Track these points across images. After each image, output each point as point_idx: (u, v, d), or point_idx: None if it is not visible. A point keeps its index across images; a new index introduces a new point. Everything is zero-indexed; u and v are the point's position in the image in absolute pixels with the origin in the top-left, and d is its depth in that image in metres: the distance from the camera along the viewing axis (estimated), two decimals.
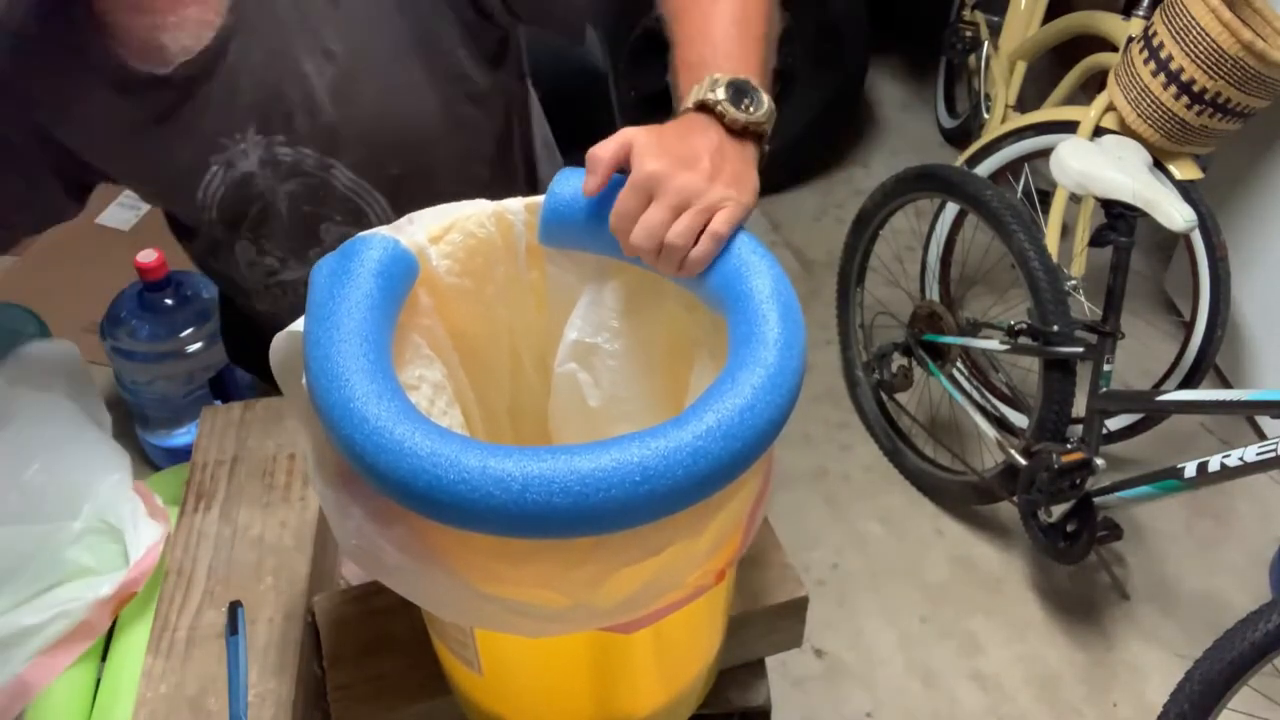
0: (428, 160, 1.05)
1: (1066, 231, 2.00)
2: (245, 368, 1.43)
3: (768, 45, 0.83)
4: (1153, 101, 1.76)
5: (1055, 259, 1.79)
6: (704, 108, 0.75)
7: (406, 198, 1.05)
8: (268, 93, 0.97)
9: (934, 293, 2.18)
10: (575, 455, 0.56)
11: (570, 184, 0.74)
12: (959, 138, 2.78)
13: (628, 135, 0.72)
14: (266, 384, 1.29)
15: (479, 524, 0.57)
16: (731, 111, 0.74)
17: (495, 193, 0.79)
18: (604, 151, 0.72)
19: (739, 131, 0.75)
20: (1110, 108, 1.87)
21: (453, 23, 0.99)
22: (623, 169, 0.72)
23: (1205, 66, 1.68)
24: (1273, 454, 1.44)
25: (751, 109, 0.75)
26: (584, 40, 1.02)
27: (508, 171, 1.14)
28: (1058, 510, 1.78)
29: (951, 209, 2.11)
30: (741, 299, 0.67)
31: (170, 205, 1.09)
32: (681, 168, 0.71)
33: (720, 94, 0.75)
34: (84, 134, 1.01)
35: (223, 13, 0.93)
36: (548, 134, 1.27)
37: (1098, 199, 1.64)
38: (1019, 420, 2.06)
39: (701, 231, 0.70)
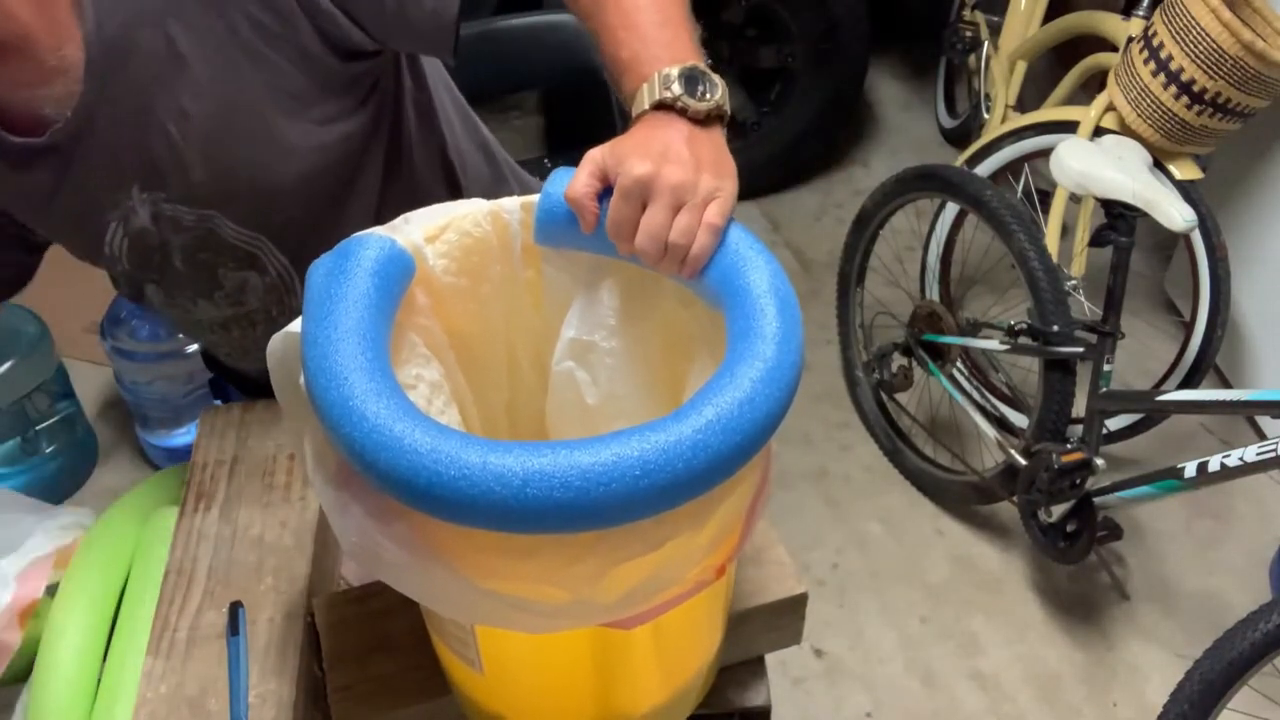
0: (306, 203, 1.04)
1: (1066, 231, 2.00)
2: (229, 383, 1.44)
3: (689, 20, 0.81)
4: (1153, 101, 1.76)
5: (1055, 259, 1.80)
6: (662, 106, 0.74)
7: (294, 240, 1.06)
8: (142, 153, 0.98)
9: (934, 293, 2.18)
10: (575, 450, 0.56)
11: (564, 184, 0.74)
12: (959, 138, 2.79)
13: (593, 156, 0.72)
14: (247, 397, 1.30)
15: (480, 520, 0.57)
16: (692, 103, 0.74)
17: (396, 212, 0.78)
18: (579, 187, 0.71)
19: (703, 120, 0.74)
20: (1110, 108, 1.87)
21: (307, 70, 0.97)
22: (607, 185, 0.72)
23: (1205, 66, 1.68)
24: (1273, 454, 1.44)
25: (708, 95, 0.74)
26: (454, 60, 1.01)
27: (410, 192, 1.12)
28: (1058, 510, 1.78)
29: (951, 209, 2.11)
30: (739, 294, 0.68)
31: (93, 261, 1.10)
32: (665, 163, 0.70)
33: (676, 89, 0.74)
34: (6, 206, 1.03)
35: (81, 80, 0.93)
36: (483, 136, 1.24)
37: (1098, 199, 1.64)
38: (1019, 420, 2.06)
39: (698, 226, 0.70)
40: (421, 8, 0.94)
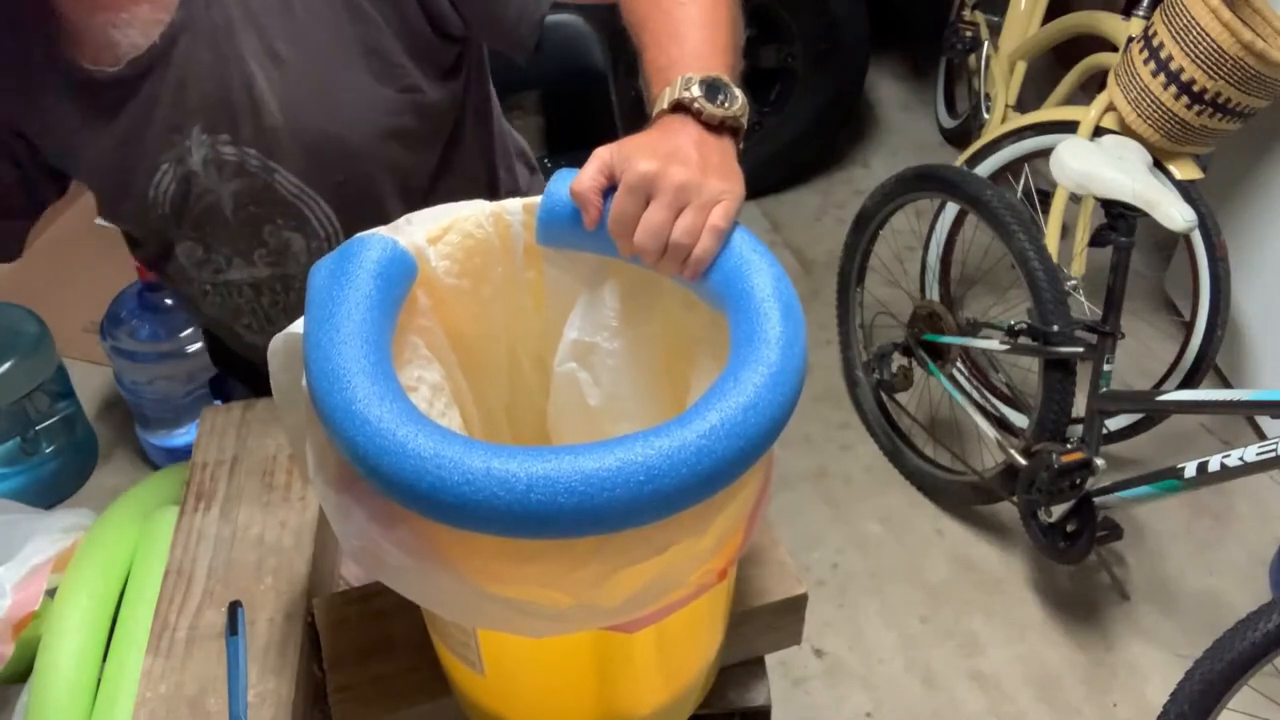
0: (369, 169, 1.05)
1: (1066, 231, 2.00)
2: (233, 377, 1.43)
3: (734, 49, 0.82)
4: (1153, 101, 1.76)
5: (1055, 259, 1.80)
6: (679, 107, 0.75)
7: (349, 205, 1.05)
8: (214, 92, 0.97)
9: (934, 293, 2.18)
10: (579, 455, 0.56)
11: (567, 184, 0.74)
12: (959, 138, 2.79)
13: (601, 154, 0.72)
14: (251, 392, 1.29)
15: (483, 525, 0.57)
16: (708, 107, 0.74)
17: (441, 204, 0.78)
18: (585, 182, 0.72)
19: (716, 127, 0.75)
20: (1110, 108, 1.87)
21: (404, 35, 0.99)
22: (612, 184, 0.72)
23: (1205, 66, 1.68)
24: (1273, 454, 1.44)
25: (727, 104, 0.75)
26: (526, 61, 1.02)
27: (457, 183, 1.13)
28: (1058, 510, 1.78)
29: (951, 209, 2.11)
30: (742, 297, 0.67)
31: (121, 206, 1.09)
32: (672, 163, 0.71)
33: (695, 91, 0.75)
34: (44, 134, 1.02)
35: (172, 10, 0.94)
36: (519, 145, 1.26)
37: (1098, 199, 1.64)
38: (1019, 420, 2.06)
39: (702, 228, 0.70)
40: (510, 4, 0.97)
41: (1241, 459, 1.48)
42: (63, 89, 0.98)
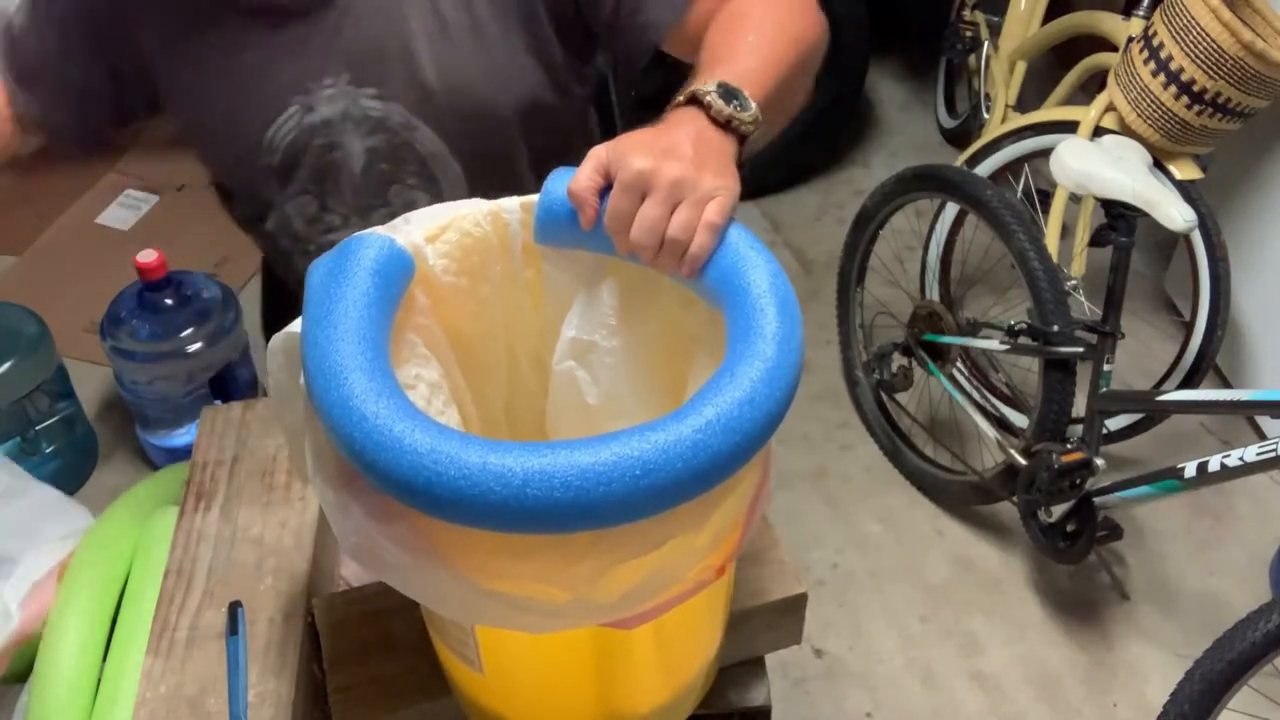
0: (511, 139, 1.05)
1: (1066, 231, 2.00)
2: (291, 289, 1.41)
3: (779, 88, 0.83)
4: (1153, 101, 1.76)
5: (1055, 259, 1.79)
6: (693, 99, 0.76)
7: (485, 172, 1.05)
8: (371, 44, 0.97)
9: (934, 293, 2.18)
10: (575, 450, 0.56)
11: (564, 183, 0.74)
12: (959, 138, 2.78)
13: (597, 152, 0.73)
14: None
15: (479, 520, 0.57)
16: (718, 103, 0.75)
17: None
18: (582, 181, 0.72)
19: (723, 125, 0.76)
20: (1110, 108, 1.87)
21: (559, 21, 1.01)
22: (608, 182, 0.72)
23: (1205, 66, 1.68)
24: (1273, 454, 1.44)
25: (739, 108, 0.76)
26: (634, 75, 1.04)
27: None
28: (1058, 510, 1.78)
29: (951, 209, 2.11)
30: (739, 293, 0.68)
31: (224, 145, 1.07)
32: (667, 159, 0.71)
33: (710, 87, 0.76)
34: (167, 46, 1.01)
35: None
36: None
37: (1098, 199, 1.64)
38: (1019, 420, 2.06)
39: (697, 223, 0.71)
40: (636, 17, 0.98)
41: (1241, 459, 1.48)
42: (213, 7, 0.97)
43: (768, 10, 0.89)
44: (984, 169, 2.07)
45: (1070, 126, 1.91)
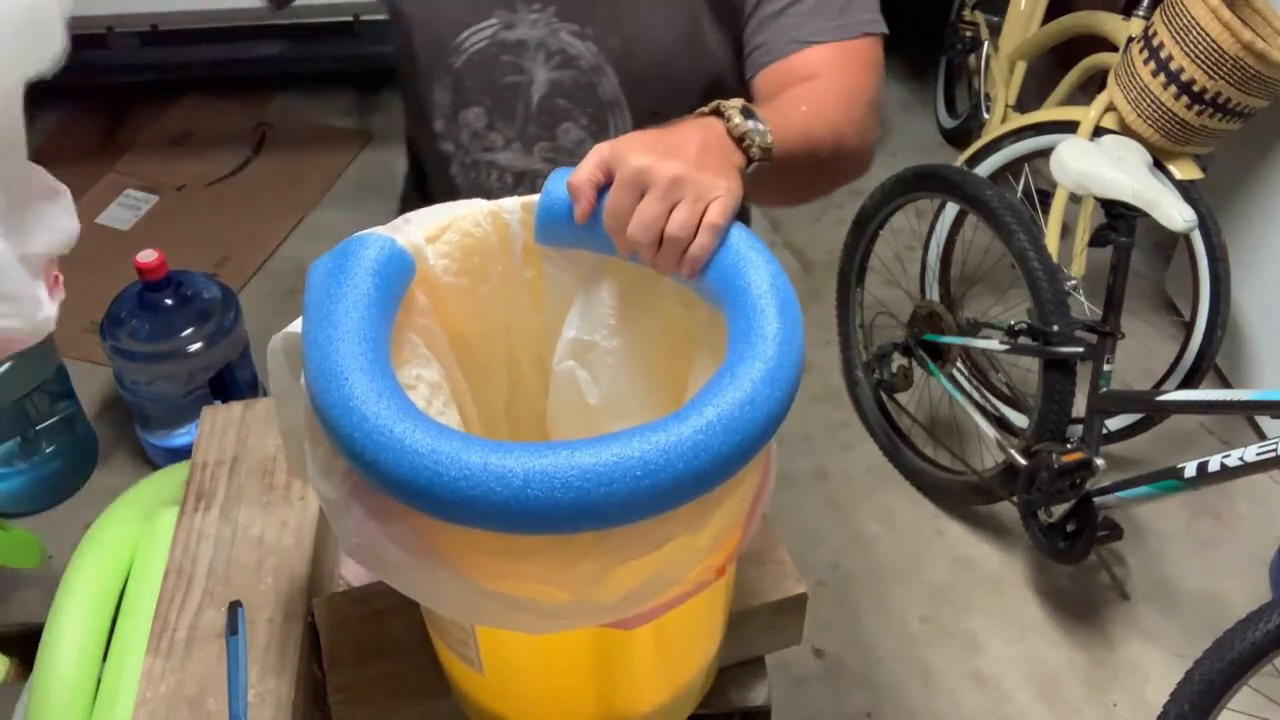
0: (685, 110, 1.06)
1: (1066, 231, 2.00)
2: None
3: (801, 157, 0.84)
4: (1153, 101, 1.76)
5: (1055, 259, 1.80)
6: (715, 110, 0.78)
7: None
8: None
9: (934, 293, 2.18)
10: (576, 450, 0.56)
11: (564, 183, 0.74)
12: (959, 138, 2.79)
13: (599, 149, 0.73)
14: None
15: (480, 520, 0.57)
16: (736, 117, 0.76)
17: None
18: (581, 175, 0.72)
19: (736, 138, 0.77)
20: (1110, 108, 1.87)
21: (739, 8, 1.03)
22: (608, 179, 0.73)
23: (1205, 66, 1.68)
24: (1273, 454, 1.44)
25: (755, 129, 0.77)
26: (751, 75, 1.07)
27: None
28: (1058, 510, 1.78)
29: (951, 209, 2.11)
30: (739, 294, 0.68)
31: (417, 32, 1.07)
32: (667, 157, 0.71)
33: (734, 103, 0.77)
34: None
35: None
36: None
37: (1098, 199, 1.64)
38: (1019, 420, 2.06)
39: (698, 225, 0.70)
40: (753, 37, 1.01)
41: (1241, 459, 1.48)
42: None
43: (826, 99, 0.94)
44: (984, 169, 2.07)
45: (1070, 126, 1.91)
